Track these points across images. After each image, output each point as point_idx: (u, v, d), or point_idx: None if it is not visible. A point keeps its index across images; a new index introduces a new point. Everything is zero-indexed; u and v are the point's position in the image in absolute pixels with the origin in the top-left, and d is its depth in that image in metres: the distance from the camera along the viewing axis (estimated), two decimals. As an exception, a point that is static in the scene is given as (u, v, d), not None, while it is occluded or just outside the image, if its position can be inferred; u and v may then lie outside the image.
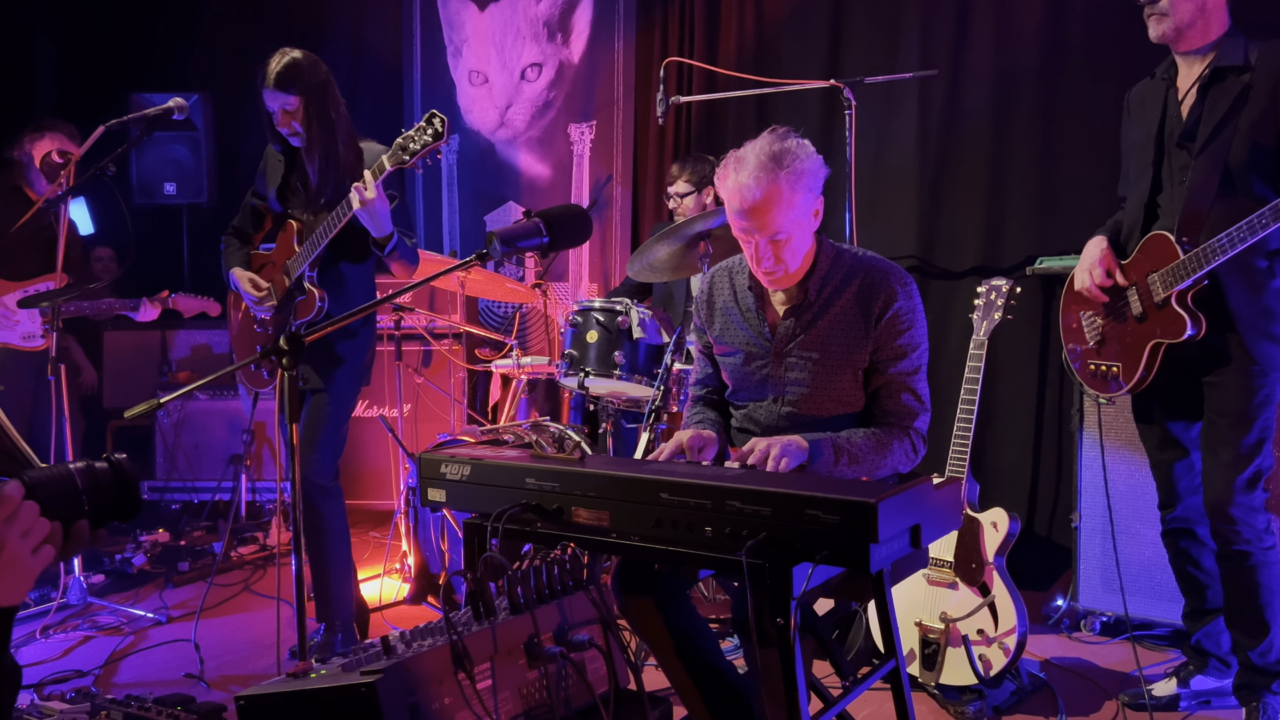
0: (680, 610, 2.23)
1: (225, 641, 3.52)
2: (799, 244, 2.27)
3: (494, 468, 1.99)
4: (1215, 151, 2.57)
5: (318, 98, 3.07)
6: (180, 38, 5.94)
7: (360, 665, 1.44)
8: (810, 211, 2.27)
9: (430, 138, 2.82)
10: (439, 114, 2.81)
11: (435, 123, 2.81)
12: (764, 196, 2.19)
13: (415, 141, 2.85)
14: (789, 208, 2.21)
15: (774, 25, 4.66)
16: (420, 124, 2.84)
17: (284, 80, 3.03)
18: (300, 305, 3.18)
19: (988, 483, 4.01)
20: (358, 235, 3.09)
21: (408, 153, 2.86)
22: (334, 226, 3.04)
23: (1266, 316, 2.56)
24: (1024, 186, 4.08)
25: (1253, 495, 2.62)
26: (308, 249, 3.13)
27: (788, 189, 2.20)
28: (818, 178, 2.26)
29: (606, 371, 3.67)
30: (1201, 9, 2.58)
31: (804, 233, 2.27)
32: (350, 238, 3.11)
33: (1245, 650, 2.69)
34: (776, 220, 2.21)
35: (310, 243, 3.12)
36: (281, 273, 3.23)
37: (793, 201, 2.21)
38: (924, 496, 1.79)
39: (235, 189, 4.51)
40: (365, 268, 3.30)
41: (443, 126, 2.80)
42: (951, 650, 2.87)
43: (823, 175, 2.28)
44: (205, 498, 4.92)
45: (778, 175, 2.19)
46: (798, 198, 2.22)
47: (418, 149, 2.84)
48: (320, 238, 3.08)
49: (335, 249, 3.17)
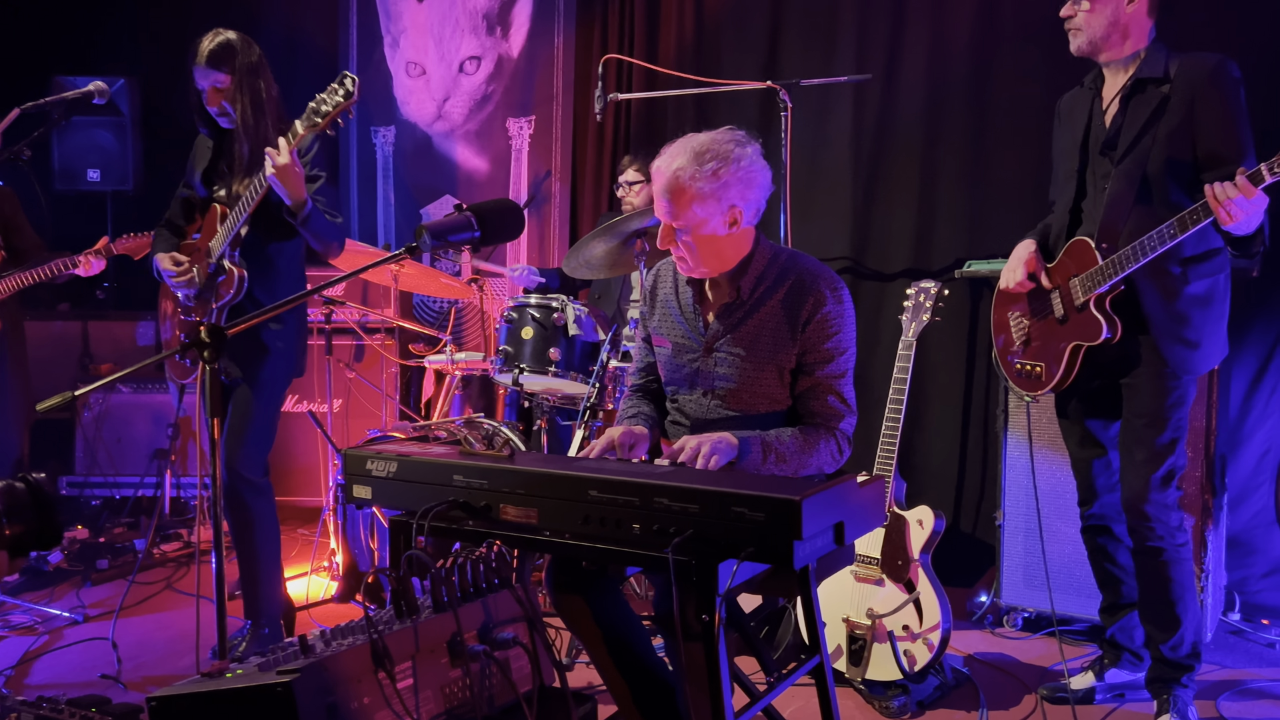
0: (611, 606, 2.24)
1: (145, 641, 3.44)
2: (708, 241, 2.27)
3: (421, 464, 1.97)
4: (1134, 160, 2.65)
5: (250, 78, 3.03)
6: (110, 20, 5.76)
7: (277, 665, 1.42)
8: (720, 218, 2.26)
9: (342, 98, 2.79)
10: (350, 74, 2.78)
11: (346, 83, 2.79)
12: (672, 184, 2.23)
13: (327, 103, 2.82)
14: (699, 202, 2.22)
15: (714, 25, 4.68)
16: (332, 85, 2.81)
17: (216, 58, 3.00)
18: (221, 285, 3.10)
19: (915, 481, 4.08)
20: (280, 210, 3.03)
21: (319, 115, 2.82)
22: (253, 199, 2.99)
23: (1179, 322, 2.64)
24: (954, 191, 4.16)
25: (1167, 493, 2.70)
26: (229, 225, 3.07)
27: (697, 185, 2.21)
28: (738, 190, 2.25)
29: (541, 368, 3.65)
30: (1115, 23, 2.65)
31: (713, 232, 2.27)
32: (273, 214, 3.04)
33: (1158, 644, 2.77)
34: (682, 211, 2.24)
35: (231, 219, 3.05)
36: (205, 256, 3.15)
37: (703, 199, 2.22)
38: (848, 494, 1.81)
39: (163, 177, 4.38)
40: (293, 250, 3.23)
41: (354, 86, 2.77)
42: (878, 646, 2.92)
43: (756, 186, 2.28)
44: (128, 493, 4.79)
45: (687, 169, 2.22)
46: (710, 199, 2.22)
47: (329, 110, 2.81)
48: (240, 212, 3.02)
49: (262, 228, 3.10)
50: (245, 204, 3.00)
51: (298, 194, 2.93)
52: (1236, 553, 3.67)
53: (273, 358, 3.14)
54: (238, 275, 3.07)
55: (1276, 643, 3.37)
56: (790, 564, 1.66)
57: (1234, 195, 2.36)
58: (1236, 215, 2.37)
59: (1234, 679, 3.10)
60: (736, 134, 2.29)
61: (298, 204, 2.96)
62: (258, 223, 3.07)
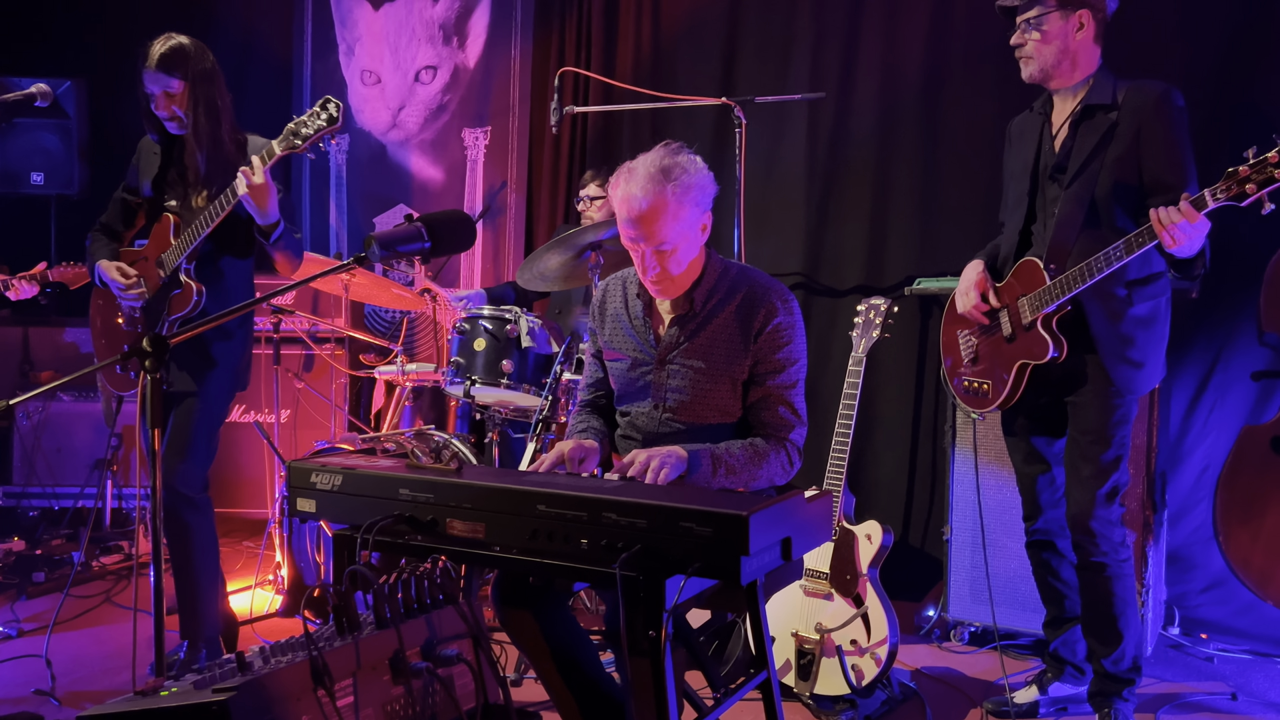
0: (559, 621, 2.23)
1: (81, 656, 3.35)
2: (684, 255, 2.32)
3: (366, 478, 1.94)
4: (1083, 185, 2.70)
5: (204, 84, 2.98)
6: (57, 21, 5.65)
7: (213, 682, 1.38)
8: (697, 225, 2.32)
9: (324, 122, 2.76)
10: (334, 99, 2.75)
11: (330, 108, 2.75)
12: (650, 207, 2.24)
13: (308, 126, 2.78)
14: (675, 219, 2.26)
15: (670, 41, 4.70)
16: (314, 109, 2.78)
17: (168, 63, 2.94)
18: (175, 299, 3.04)
19: (866, 495, 4.11)
20: (241, 226, 2.98)
21: (300, 137, 2.79)
22: (217, 215, 2.94)
23: (1124, 342, 2.69)
24: (906, 208, 4.21)
25: (1111, 509, 2.75)
26: (186, 239, 3.00)
27: (674, 201, 2.25)
28: (705, 193, 2.32)
29: (494, 380, 3.63)
30: (1064, 51, 2.72)
31: (689, 245, 2.32)
32: (234, 229, 3.00)
33: (1099, 658, 2.82)
34: (662, 231, 2.26)
35: (189, 233, 2.99)
36: (155, 266, 3.08)
37: (679, 214, 2.26)
38: (795, 509, 1.81)
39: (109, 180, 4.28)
40: (246, 265, 3.18)
41: (337, 112, 2.75)
42: (826, 660, 2.93)
43: (711, 191, 2.34)
44: (67, 504, 4.67)
45: (665, 187, 2.24)
46: (684, 211, 2.27)
47: (310, 134, 2.78)
48: (201, 227, 2.97)
49: (218, 242, 3.05)
50: (208, 219, 2.95)
51: (270, 214, 2.89)
52: (1176, 568, 3.74)
53: (218, 370, 3.08)
54: (195, 290, 3.01)
55: (1215, 657, 3.43)
56: (737, 579, 1.66)
57: (1178, 220, 2.42)
58: (1179, 239, 2.43)
59: (1174, 692, 3.15)
60: (675, 146, 2.33)
61: (269, 225, 2.92)
62: (213, 237, 3.01)
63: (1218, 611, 3.69)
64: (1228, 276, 3.59)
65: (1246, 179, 2.35)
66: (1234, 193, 2.37)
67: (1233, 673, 3.32)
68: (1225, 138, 3.54)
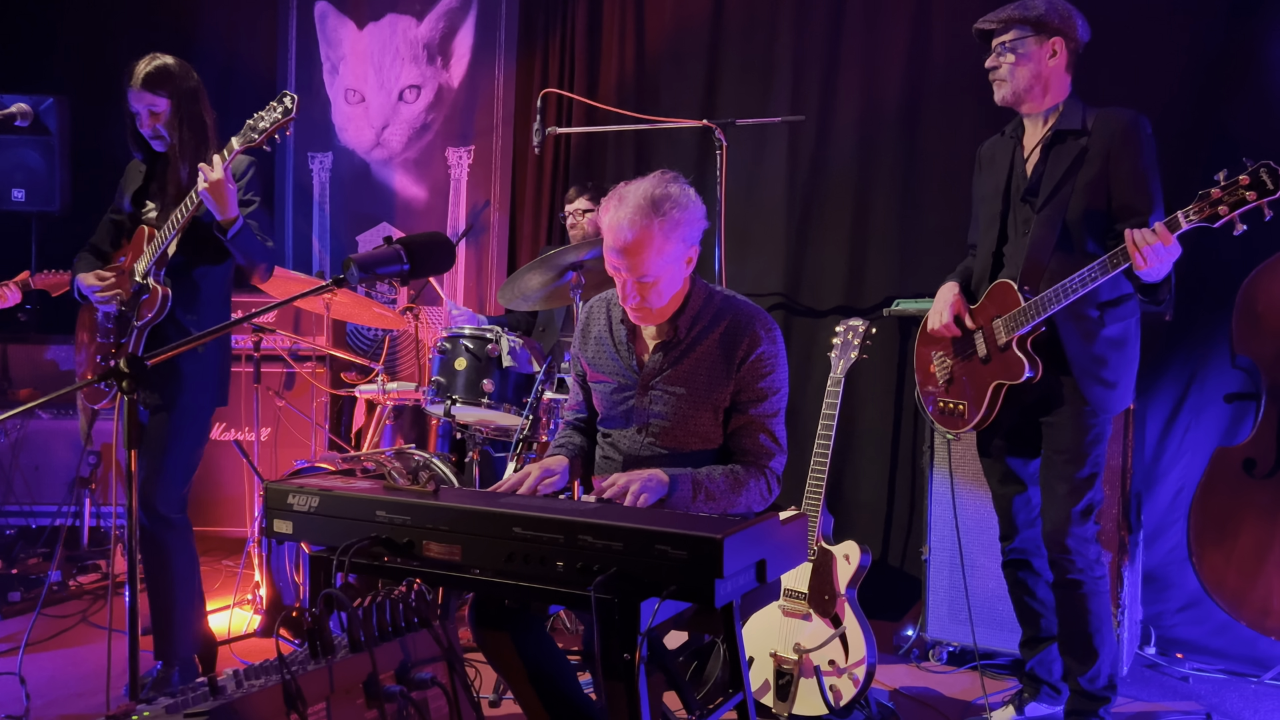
0: (536, 643, 2.23)
1: (56, 677, 3.32)
2: (666, 287, 2.31)
3: (343, 499, 1.95)
4: (1055, 208, 2.75)
5: (189, 102, 3.01)
6: (41, 38, 5.64)
7: (185, 706, 1.38)
8: (682, 259, 2.31)
9: (280, 115, 2.80)
10: (290, 92, 2.79)
11: (286, 100, 2.79)
12: (636, 239, 2.23)
13: (265, 120, 2.82)
14: (659, 254, 2.25)
15: (653, 63, 4.74)
16: (271, 103, 2.82)
17: (153, 81, 2.97)
18: (143, 303, 3.02)
19: (844, 515, 4.13)
20: (210, 232, 2.98)
21: (257, 131, 2.83)
22: (182, 218, 2.95)
23: (1098, 363, 2.73)
24: (885, 231, 4.25)
25: (1086, 526, 2.78)
26: (156, 245, 3.01)
27: (660, 236, 2.24)
28: (694, 228, 2.31)
29: (475, 399, 3.63)
30: (1038, 76, 2.78)
31: (672, 278, 2.31)
32: (202, 237, 3.00)
33: (1076, 676, 2.84)
34: (646, 263, 2.25)
35: (159, 238, 3.00)
36: (129, 276, 3.08)
37: (664, 249, 2.25)
38: (770, 532, 1.83)
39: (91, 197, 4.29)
40: (221, 278, 3.17)
41: (293, 104, 2.78)
42: (804, 681, 2.94)
43: (701, 226, 2.33)
44: (44, 522, 4.63)
45: (653, 221, 2.23)
46: (669, 246, 2.26)
47: (267, 126, 2.81)
48: (168, 231, 2.98)
49: (188, 250, 3.05)
50: (174, 223, 2.96)
51: (228, 211, 2.90)
52: (1152, 588, 3.77)
53: (193, 387, 3.06)
54: (161, 294, 3.00)
55: (1190, 676, 3.46)
56: (712, 602, 1.67)
57: (1152, 241, 2.46)
58: (1151, 260, 2.48)
59: (1149, 711, 3.17)
60: (672, 176, 2.33)
61: (227, 221, 2.92)
62: (185, 245, 3.02)
63: (1193, 631, 3.72)
64: (1202, 299, 3.64)
65: (1219, 200, 2.40)
66: (1206, 214, 2.42)
67: (1208, 692, 3.34)
68: (1197, 163, 3.60)
